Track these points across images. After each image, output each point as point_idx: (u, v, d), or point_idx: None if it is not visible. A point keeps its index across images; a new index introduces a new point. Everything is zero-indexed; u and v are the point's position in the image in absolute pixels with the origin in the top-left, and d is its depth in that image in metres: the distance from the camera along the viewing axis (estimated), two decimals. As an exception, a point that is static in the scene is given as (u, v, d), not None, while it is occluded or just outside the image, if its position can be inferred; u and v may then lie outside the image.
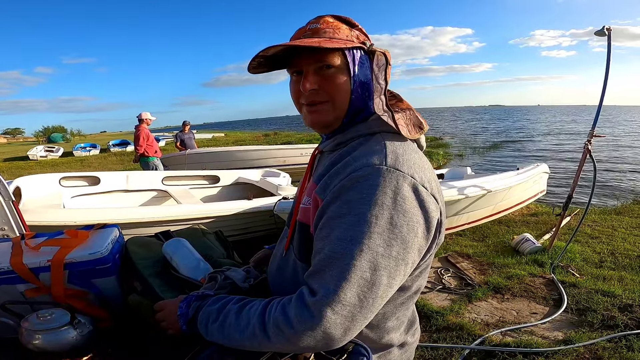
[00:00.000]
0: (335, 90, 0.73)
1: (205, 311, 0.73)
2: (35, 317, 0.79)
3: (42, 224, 2.79)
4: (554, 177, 7.39)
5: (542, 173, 4.94)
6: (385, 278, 0.63)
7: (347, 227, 0.63)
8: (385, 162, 0.66)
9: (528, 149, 15.14)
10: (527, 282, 2.93)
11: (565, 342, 2.15)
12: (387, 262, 0.63)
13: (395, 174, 0.65)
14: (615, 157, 11.95)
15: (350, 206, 0.64)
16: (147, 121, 5.90)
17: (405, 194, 0.64)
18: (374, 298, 0.63)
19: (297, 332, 0.62)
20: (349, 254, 0.62)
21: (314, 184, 0.76)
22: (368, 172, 0.65)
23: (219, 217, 3.48)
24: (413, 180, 0.65)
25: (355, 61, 0.73)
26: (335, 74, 0.72)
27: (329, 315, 0.61)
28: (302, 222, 0.76)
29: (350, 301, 0.61)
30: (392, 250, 0.63)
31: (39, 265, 0.91)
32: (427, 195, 0.67)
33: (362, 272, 0.62)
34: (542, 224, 4.45)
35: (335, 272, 0.62)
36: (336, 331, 0.62)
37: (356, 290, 0.61)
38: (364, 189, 0.64)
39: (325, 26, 0.73)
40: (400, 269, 0.65)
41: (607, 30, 3.00)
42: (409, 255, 0.65)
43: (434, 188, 0.69)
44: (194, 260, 1.05)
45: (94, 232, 1.06)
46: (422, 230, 0.66)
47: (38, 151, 17.69)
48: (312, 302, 0.62)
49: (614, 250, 3.55)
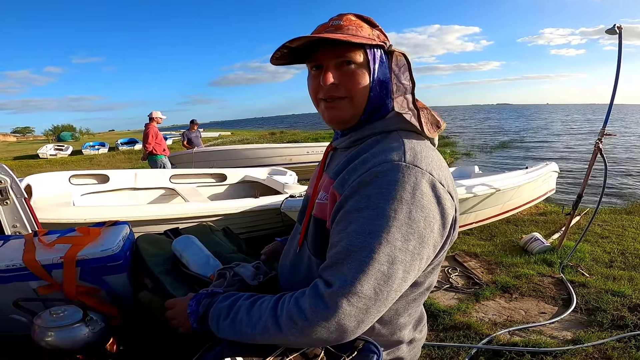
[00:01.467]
0: (355, 86, 0.73)
1: (216, 308, 0.73)
2: (47, 314, 0.80)
3: (53, 222, 2.82)
4: (564, 176, 7.32)
5: (552, 172, 4.89)
6: (401, 272, 0.64)
7: (366, 220, 0.64)
8: (404, 159, 0.67)
9: (537, 148, 14.98)
10: (535, 281, 2.91)
11: (574, 341, 2.13)
12: (404, 256, 0.63)
13: (414, 170, 0.66)
14: (626, 156, 11.78)
15: (369, 200, 0.65)
16: (157, 120, 5.97)
17: (423, 190, 0.65)
18: (388, 291, 0.63)
19: (311, 324, 0.62)
20: (367, 247, 0.63)
21: (330, 179, 0.77)
22: (387, 167, 0.66)
23: (226, 215, 3.50)
24: (431, 177, 0.66)
25: (375, 59, 0.74)
26: (356, 70, 0.73)
27: (344, 307, 0.61)
28: (317, 218, 0.77)
29: (367, 293, 0.62)
30: (409, 244, 0.64)
31: (51, 262, 0.92)
32: (444, 192, 0.68)
33: (379, 265, 0.62)
34: (551, 223, 4.40)
35: (353, 265, 0.63)
36: (350, 323, 0.62)
37: (373, 282, 0.62)
38: (383, 184, 0.65)
39: (348, 24, 0.74)
40: (415, 263, 0.65)
41: (618, 28, 2.96)
42: (424, 250, 0.66)
43: (450, 185, 0.71)
44: (203, 257, 1.05)
45: (105, 229, 1.07)
46: (438, 226, 0.67)
47: (48, 150, 17.91)
48: (328, 293, 0.63)
49: (624, 250, 3.51)
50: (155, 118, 5.92)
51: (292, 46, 0.72)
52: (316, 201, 0.79)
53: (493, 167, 10.21)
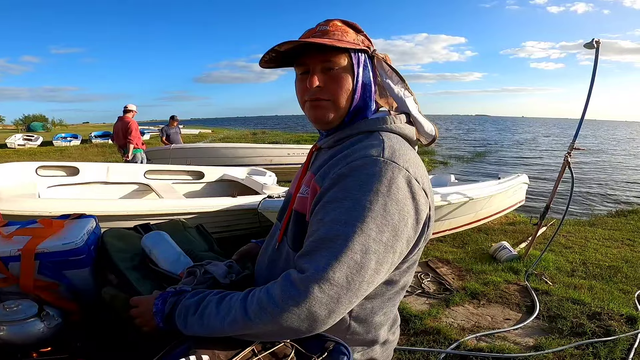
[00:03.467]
0: (339, 89, 0.77)
1: (183, 304, 0.72)
2: (1, 308, 0.77)
3: (15, 214, 2.70)
4: (533, 187, 7.59)
5: (522, 183, 5.07)
6: (373, 263, 0.65)
7: (342, 211, 0.66)
8: (383, 154, 0.70)
9: (510, 159, 15.49)
10: (502, 288, 3.00)
11: (535, 348, 2.21)
12: (377, 246, 0.65)
13: (392, 165, 0.68)
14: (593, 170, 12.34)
15: (347, 192, 0.67)
16: (133, 112, 5.83)
17: (399, 185, 0.67)
18: (360, 282, 0.64)
19: (282, 309, 0.62)
20: (341, 236, 0.64)
21: (312, 174, 0.80)
22: (366, 162, 0.69)
23: (202, 213, 3.45)
24: (407, 173, 0.69)
25: (360, 63, 0.78)
26: (340, 74, 0.77)
27: (315, 293, 0.61)
28: (298, 212, 0.79)
29: (339, 281, 0.62)
30: (383, 235, 0.65)
31: (9, 255, 0.87)
32: (419, 189, 0.70)
33: (353, 254, 0.63)
34: (520, 233, 4.56)
35: (326, 252, 0.64)
36: (321, 311, 0.62)
37: (345, 271, 0.63)
38: (361, 177, 0.68)
39: (334, 29, 0.78)
40: (388, 256, 0.66)
41: (596, 42, 3.03)
42: (397, 243, 0.67)
43: (426, 184, 0.73)
44: (174, 254, 1.03)
45: (69, 222, 1.02)
46: (412, 221, 0.69)
47: (16, 139, 17.13)
48: (300, 278, 0.63)
49: (585, 260, 3.67)
50: (132, 111, 5.78)
51: (280, 50, 0.76)
52: (297, 195, 0.81)
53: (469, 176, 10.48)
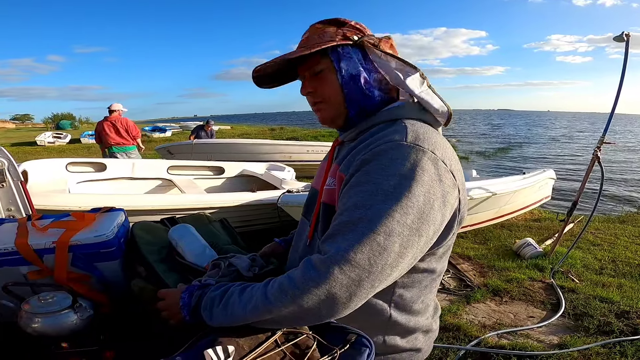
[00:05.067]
0: (326, 89, 0.80)
1: (208, 297, 0.73)
2: (36, 300, 0.77)
3: (47, 208, 2.82)
4: (560, 183, 7.35)
5: (548, 179, 4.91)
6: (397, 245, 0.63)
7: (365, 194, 0.66)
8: (406, 139, 0.69)
9: (535, 154, 15.02)
10: (526, 285, 2.93)
11: (560, 346, 2.16)
12: (401, 229, 0.63)
13: (415, 148, 0.67)
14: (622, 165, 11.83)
15: (369, 175, 0.67)
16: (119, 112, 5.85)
17: (424, 166, 0.66)
18: (383, 265, 0.62)
19: (302, 290, 0.62)
20: (364, 219, 0.64)
21: (337, 165, 0.79)
22: (389, 146, 0.68)
23: (223, 208, 3.51)
24: (433, 155, 0.68)
25: (341, 58, 0.78)
26: (324, 75, 0.79)
27: (335, 274, 0.61)
28: (326, 204, 0.79)
29: (360, 263, 0.61)
30: (407, 218, 0.63)
31: (43, 247, 0.89)
32: (446, 171, 0.68)
33: (375, 235, 0.62)
34: (545, 229, 4.43)
35: (349, 235, 0.63)
36: (341, 293, 0.61)
37: (367, 252, 0.62)
38: (383, 161, 0.67)
39: (312, 33, 0.80)
40: (413, 239, 0.65)
41: (626, 35, 2.97)
42: (423, 226, 0.65)
43: (454, 166, 0.71)
44: (199, 247, 1.05)
45: (100, 215, 1.05)
46: (439, 204, 0.67)
47: (46, 137, 17.83)
48: (320, 259, 0.63)
49: (615, 257, 3.54)
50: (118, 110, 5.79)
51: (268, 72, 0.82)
52: (325, 188, 0.81)
53: (491, 171, 10.24)
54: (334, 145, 0.90)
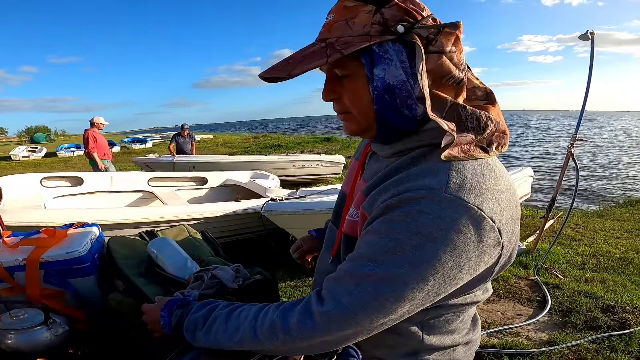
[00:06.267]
0: (351, 100, 0.61)
1: (190, 319, 0.70)
2: (7, 317, 0.77)
3: (22, 225, 2.71)
4: (538, 180, 7.54)
5: (527, 177, 5.02)
6: (406, 308, 0.56)
7: (380, 249, 0.55)
8: (447, 187, 0.53)
9: (513, 153, 15.41)
10: (512, 283, 2.96)
11: (549, 343, 2.18)
12: (414, 295, 0.55)
13: (456, 203, 0.52)
14: (598, 161, 12.25)
15: (390, 226, 0.55)
16: (98, 125, 6.01)
17: (461, 229, 0.52)
18: (384, 323, 0.58)
19: (295, 339, 0.60)
20: (373, 276, 0.55)
21: (362, 195, 0.65)
22: (422, 195, 0.53)
23: (206, 219, 3.44)
24: (479, 212, 0.53)
25: (374, 61, 0.56)
26: (349, 81, 0.60)
27: (333, 330, 0.58)
28: (348, 235, 0.69)
29: (360, 323, 0.57)
30: (426, 285, 0.54)
31: (13, 264, 0.88)
32: (490, 230, 0.54)
33: (383, 300, 0.55)
34: (526, 226, 4.52)
35: (354, 292, 0.56)
36: (335, 340, 0.60)
37: (371, 314, 0.56)
38: (411, 213, 0.53)
39: (339, 16, 0.58)
40: (428, 301, 0.57)
41: (591, 34, 3.05)
42: (442, 289, 0.56)
43: (503, 219, 0.56)
44: (180, 259, 1.02)
45: (72, 230, 1.03)
46: (470, 266, 0.55)
47: (20, 151, 17.27)
48: (320, 311, 0.58)
49: (596, 252, 3.63)
50: (96, 124, 6.00)
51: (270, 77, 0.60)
52: (347, 217, 0.70)
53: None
54: (365, 152, 0.76)
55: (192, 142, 8.05)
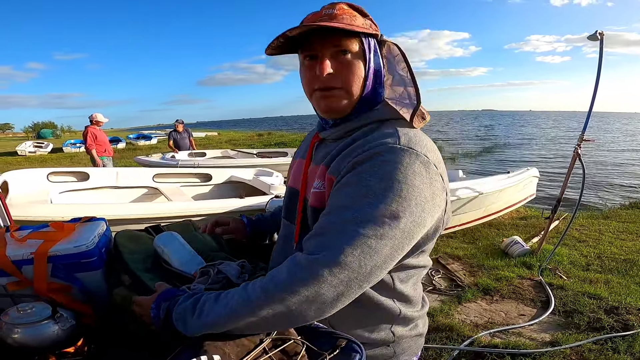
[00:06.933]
0: (352, 76, 0.73)
1: (179, 309, 0.70)
2: (15, 311, 0.76)
3: (28, 219, 2.74)
4: (544, 181, 7.49)
5: (532, 177, 5.00)
6: (388, 248, 0.63)
7: (355, 196, 0.64)
8: (399, 142, 0.68)
9: (519, 153, 15.32)
10: (515, 284, 2.96)
11: (552, 343, 2.17)
12: (393, 232, 0.62)
13: (409, 151, 0.66)
14: (604, 162, 12.15)
15: (360, 176, 0.66)
16: (97, 122, 6.05)
17: (416, 170, 0.65)
18: (372, 266, 0.62)
19: (289, 292, 0.60)
20: (353, 220, 0.62)
21: (324, 167, 0.76)
22: (382, 149, 0.67)
23: (211, 215, 3.45)
24: (426, 159, 0.67)
25: (371, 48, 0.74)
26: (352, 60, 0.73)
27: (325, 275, 0.60)
28: (315, 207, 0.76)
29: (350, 265, 0.60)
30: (400, 222, 0.63)
31: (21, 258, 0.88)
32: (436, 175, 0.68)
33: (366, 239, 0.61)
34: (531, 227, 4.50)
35: (339, 236, 0.62)
36: (330, 294, 0.60)
37: (358, 255, 0.61)
38: (376, 163, 0.66)
39: (342, 12, 0.73)
40: (405, 242, 0.64)
41: (600, 34, 3.02)
42: (415, 229, 0.65)
43: (443, 170, 0.71)
44: (187, 254, 1.02)
45: (80, 225, 1.03)
46: (429, 207, 0.66)
47: (27, 147, 17.43)
48: (309, 260, 0.62)
49: (600, 253, 3.60)
50: (95, 121, 6.03)
51: (290, 35, 0.71)
52: (312, 191, 0.78)
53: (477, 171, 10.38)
54: (313, 143, 0.86)
55: (189, 137, 8.04)
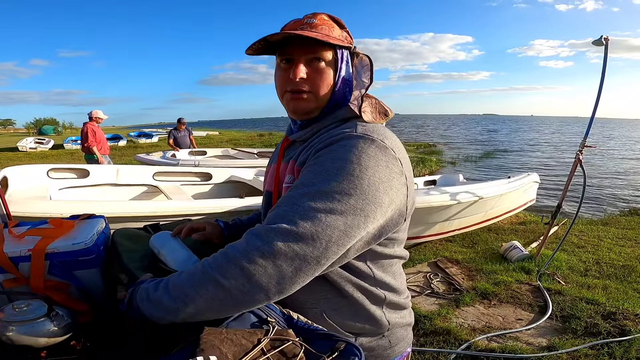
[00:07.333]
0: (321, 83, 0.80)
1: (142, 288, 0.72)
2: (10, 308, 0.75)
3: (27, 215, 2.73)
4: (544, 186, 7.49)
5: (533, 182, 5.00)
6: (341, 223, 0.64)
7: (311, 174, 0.69)
8: (356, 131, 0.73)
9: (519, 159, 15.32)
10: (513, 288, 2.95)
11: (549, 348, 2.17)
12: (343, 208, 0.65)
13: (365, 137, 0.71)
14: (604, 169, 12.14)
15: (318, 160, 0.71)
16: (97, 119, 6.03)
17: (370, 153, 0.69)
18: (327, 241, 0.63)
19: (248, 260, 0.61)
20: (306, 195, 0.66)
21: (293, 162, 0.81)
22: (340, 137, 0.72)
23: (210, 215, 3.45)
24: (382, 143, 0.71)
25: (343, 59, 0.81)
26: (324, 68, 0.79)
27: (279, 245, 0.61)
28: None
29: (303, 236, 0.62)
30: (351, 199, 0.65)
31: (19, 255, 0.87)
32: (394, 159, 0.72)
33: (316, 212, 0.64)
34: (530, 232, 4.50)
35: (292, 207, 0.65)
36: (287, 266, 0.61)
37: (310, 227, 0.63)
38: (333, 148, 0.71)
39: (322, 23, 0.79)
40: (359, 219, 0.66)
41: (605, 40, 3.02)
42: (368, 207, 0.67)
43: (402, 155, 0.75)
44: (183, 254, 1.02)
45: (79, 222, 1.02)
46: (385, 187, 0.69)
47: (28, 143, 17.44)
48: (264, 229, 0.64)
49: (599, 259, 3.60)
50: (95, 118, 6.00)
51: (270, 40, 0.77)
52: (284, 186, 0.82)
53: (477, 176, 10.38)
54: (283, 146, 0.91)
55: (189, 136, 8.05)
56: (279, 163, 0.89)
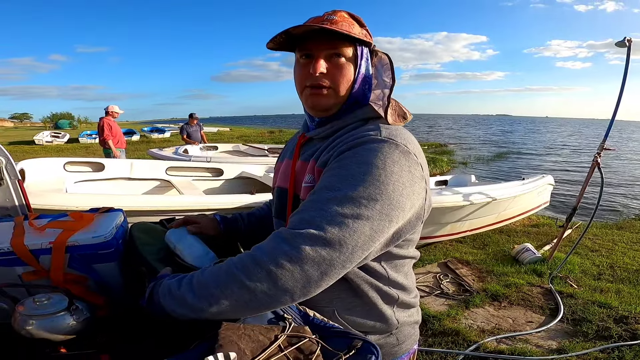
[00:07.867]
0: (341, 78, 0.80)
1: (164, 284, 0.71)
2: (31, 302, 0.75)
3: (44, 207, 2.79)
4: (559, 189, 7.35)
5: (547, 184, 4.91)
6: (367, 229, 0.65)
7: (336, 178, 0.69)
8: (380, 134, 0.74)
9: (534, 160, 15.03)
10: (524, 290, 2.92)
11: (559, 351, 2.15)
12: (370, 213, 0.65)
13: (389, 142, 0.72)
14: (621, 172, 11.86)
15: (342, 163, 0.71)
16: (113, 114, 6.13)
17: (395, 158, 0.70)
18: (354, 246, 0.64)
19: (275, 263, 0.61)
20: (333, 200, 0.66)
21: (313, 161, 0.81)
22: (364, 139, 0.73)
23: (221, 210, 3.48)
24: (405, 148, 0.72)
25: (363, 56, 0.81)
26: (344, 63, 0.79)
27: (307, 250, 0.61)
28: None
29: (331, 242, 0.62)
30: (377, 204, 0.66)
31: (40, 247, 0.87)
32: (416, 164, 0.73)
33: (344, 218, 0.64)
34: (543, 235, 4.43)
35: (319, 213, 0.65)
36: (314, 270, 0.62)
37: (337, 232, 0.63)
38: (358, 151, 0.71)
39: (342, 20, 0.79)
40: (383, 224, 0.67)
41: (628, 41, 2.97)
42: (393, 212, 0.68)
43: (422, 161, 0.76)
44: (199, 249, 1.02)
45: (98, 215, 1.03)
46: (408, 192, 0.70)
47: (44, 136, 17.79)
48: (292, 234, 0.64)
49: (613, 263, 3.54)
50: (111, 112, 6.09)
51: (292, 32, 0.77)
52: (303, 186, 0.82)
53: (490, 177, 10.24)
54: (299, 142, 0.90)
55: (200, 131, 8.16)
56: (295, 160, 0.88)
